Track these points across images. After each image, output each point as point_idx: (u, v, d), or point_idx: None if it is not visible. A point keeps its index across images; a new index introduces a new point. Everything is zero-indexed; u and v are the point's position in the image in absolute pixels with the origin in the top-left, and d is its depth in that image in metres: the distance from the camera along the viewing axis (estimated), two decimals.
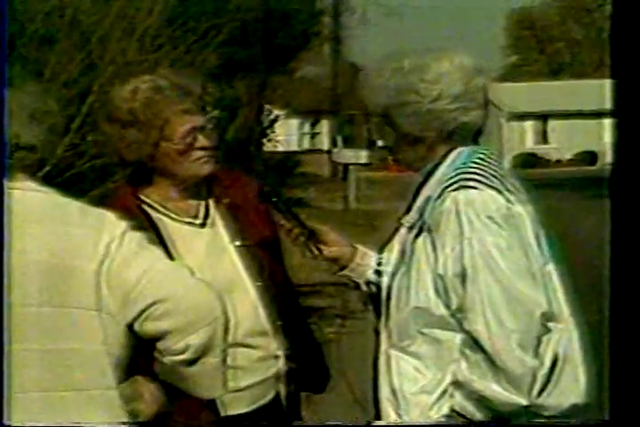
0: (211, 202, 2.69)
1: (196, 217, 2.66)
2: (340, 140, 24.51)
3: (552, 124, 43.06)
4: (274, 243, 2.68)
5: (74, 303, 2.04)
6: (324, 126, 37.42)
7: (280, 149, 25.54)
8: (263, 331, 2.62)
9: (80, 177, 6.22)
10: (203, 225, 2.66)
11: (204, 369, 2.10)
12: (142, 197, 2.65)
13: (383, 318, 2.37)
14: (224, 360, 2.11)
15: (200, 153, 2.63)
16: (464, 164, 2.33)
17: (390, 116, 2.36)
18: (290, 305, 2.70)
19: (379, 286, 2.42)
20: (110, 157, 2.67)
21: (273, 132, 24.28)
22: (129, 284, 2.05)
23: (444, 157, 2.37)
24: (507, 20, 57.41)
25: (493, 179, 2.30)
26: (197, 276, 2.22)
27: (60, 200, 2.12)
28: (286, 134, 29.83)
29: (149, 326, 2.06)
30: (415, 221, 2.34)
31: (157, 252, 2.14)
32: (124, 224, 2.12)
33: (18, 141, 2.08)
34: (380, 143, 2.42)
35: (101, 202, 2.61)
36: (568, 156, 40.46)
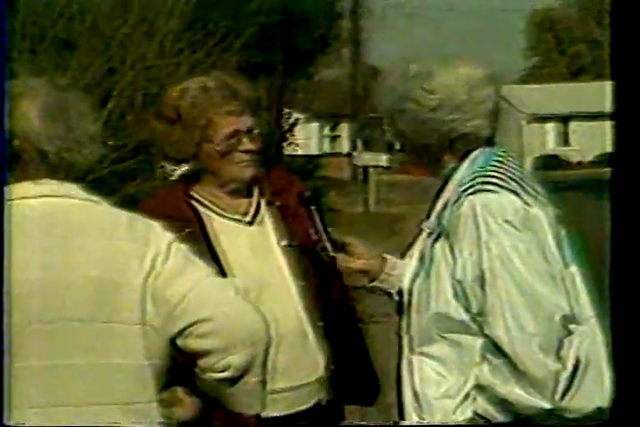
0: (262, 202, 2.69)
1: (245, 215, 2.66)
2: (359, 143, 24.47)
3: (573, 125, 42.91)
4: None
5: (119, 319, 2.02)
6: (344, 130, 37.43)
7: (300, 152, 25.54)
8: (302, 333, 2.59)
9: (100, 182, 6.16)
10: (250, 223, 2.66)
11: (243, 388, 2.09)
12: (191, 193, 2.67)
13: (405, 323, 2.37)
14: (264, 380, 2.10)
15: (243, 156, 2.63)
16: (482, 167, 2.33)
17: (395, 122, 2.39)
18: (336, 309, 2.66)
19: (400, 292, 2.43)
20: (157, 153, 2.70)
21: (293, 135, 24.30)
22: (174, 300, 2.03)
23: (462, 160, 2.37)
24: (527, 21, 57.26)
25: (511, 181, 2.30)
26: (239, 280, 2.26)
27: (109, 211, 2.10)
28: (306, 138, 29.80)
29: (191, 343, 2.05)
30: (434, 226, 2.34)
31: (203, 266, 2.11)
32: (169, 236, 2.09)
33: (63, 144, 2.07)
34: (397, 146, 2.44)
35: (150, 196, 2.76)
36: (589, 157, 40.30)
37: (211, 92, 2.60)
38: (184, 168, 2.71)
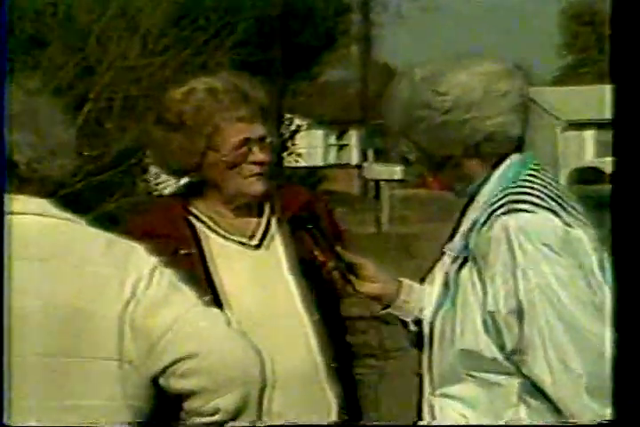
0: (273, 222, 2.69)
1: (252, 237, 2.66)
2: (370, 153, 24.51)
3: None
4: None
5: (92, 353, 2.02)
6: (353, 138, 37.43)
7: (303, 163, 25.56)
8: (314, 373, 2.57)
9: (74, 197, 6.25)
10: (258, 246, 2.66)
11: None
12: (191, 209, 2.67)
13: (425, 360, 2.36)
14: (259, 425, 2.10)
15: (253, 168, 2.63)
16: (513, 182, 2.32)
17: (409, 135, 2.39)
18: (345, 344, 2.68)
19: (418, 321, 2.43)
20: (158, 164, 2.69)
21: (294, 144, 24.29)
22: (155, 333, 2.03)
23: (490, 173, 2.36)
24: (561, 14, 57.39)
25: (548, 199, 2.29)
26: (237, 311, 2.26)
27: (84, 231, 2.11)
28: (309, 147, 29.79)
29: (175, 383, 2.04)
30: (460, 250, 2.33)
31: (191, 295, 2.11)
32: (153, 260, 2.10)
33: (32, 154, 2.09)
34: (413, 159, 2.44)
35: (145, 211, 2.70)
36: None
37: (219, 94, 2.59)
38: (185, 180, 2.71)
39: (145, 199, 8.05)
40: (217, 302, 2.51)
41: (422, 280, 2.47)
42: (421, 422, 2.33)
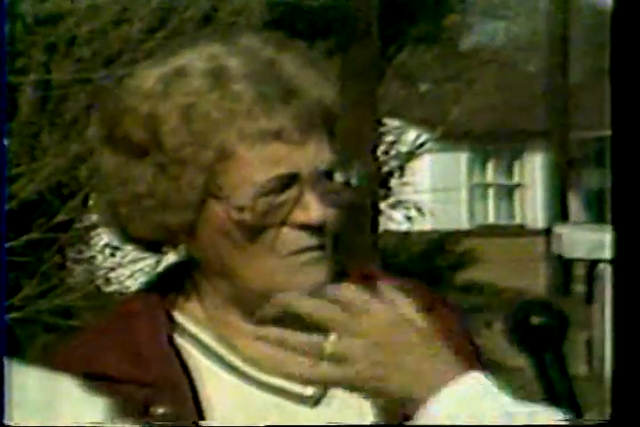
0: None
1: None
2: (575, 201, 22.24)
3: None
4: None
5: None
6: (533, 169, 35.33)
7: (423, 224, 23.27)
8: None
9: None
10: (318, 399, 2.75)
11: None
12: (177, 317, 2.84)
13: None
14: None
15: (302, 240, 2.68)
16: None
17: None
18: None
19: None
20: (111, 225, 2.74)
21: (405, 183, 21.94)
22: None
23: None
24: None
25: None
26: None
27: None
28: (438, 189, 27.46)
29: None
30: None
31: None
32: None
33: None
34: None
35: (93, 330, 2.84)
36: None
37: (233, 83, 2.66)
38: (169, 259, 2.86)
39: (87, 301, 8.31)
40: None
41: None
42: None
